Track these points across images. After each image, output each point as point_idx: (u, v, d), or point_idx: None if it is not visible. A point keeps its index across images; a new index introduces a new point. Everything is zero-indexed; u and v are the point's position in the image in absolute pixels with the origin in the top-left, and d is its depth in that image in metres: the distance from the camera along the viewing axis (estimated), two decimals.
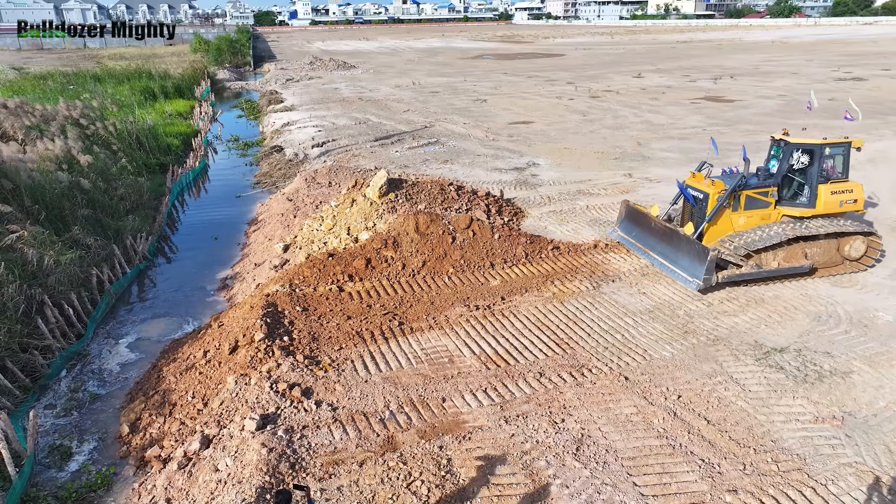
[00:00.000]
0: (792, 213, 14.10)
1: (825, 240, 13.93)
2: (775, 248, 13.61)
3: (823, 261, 14.07)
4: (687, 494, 7.91)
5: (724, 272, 13.24)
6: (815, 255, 13.94)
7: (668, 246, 14.13)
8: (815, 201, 13.91)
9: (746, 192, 13.86)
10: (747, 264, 13.33)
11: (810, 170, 13.84)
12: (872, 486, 8.00)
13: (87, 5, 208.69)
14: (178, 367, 11.69)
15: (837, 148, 14.02)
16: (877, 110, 35.10)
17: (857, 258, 14.21)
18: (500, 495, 7.87)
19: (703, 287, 13.00)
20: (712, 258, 12.75)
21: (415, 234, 15.05)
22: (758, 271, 13.38)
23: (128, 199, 20.82)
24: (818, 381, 10.22)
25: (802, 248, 13.84)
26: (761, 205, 14.04)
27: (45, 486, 9.22)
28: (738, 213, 13.98)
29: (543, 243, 15.92)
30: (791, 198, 14.20)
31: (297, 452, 8.55)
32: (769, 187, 13.98)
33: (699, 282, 12.98)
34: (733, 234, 13.90)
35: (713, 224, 13.90)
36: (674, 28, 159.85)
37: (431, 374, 10.61)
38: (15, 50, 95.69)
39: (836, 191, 13.91)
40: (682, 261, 13.58)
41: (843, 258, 14.20)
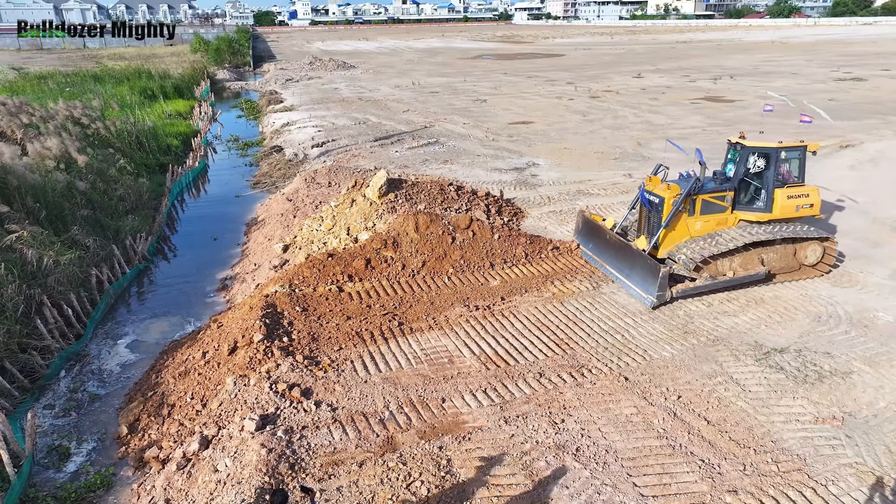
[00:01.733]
0: (748, 217, 13.83)
1: (781, 245, 13.66)
2: (731, 255, 13.30)
3: (780, 267, 13.80)
4: (687, 495, 7.90)
5: (679, 286, 12.88)
6: (771, 260, 13.67)
7: (622, 260, 13.75)
8: (771, 206, 13.64)
9: (703, 197, 13.54)
10: (701, 276, 12.97)
11: (766, 174, 13.59)
12: (873, 486, 7.99)
13: (87, 5, 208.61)
14: (177, 368, 11.67)
15: (793, 152, 13.77)
16: (877, 110, 35.10)
17: (813, 264, 13.96)
18: (499, 496, 7.86)
19: (656, 304, 12.64)
20: (664, 275, 12.38)
21: (414, 234, 15.03)
22: (713, 283, 13.02)
23: (127, 200, 20.79)
24: (818, 382, 10.20)
25: (759, 254, 13.54)
26: (718, 209, 13.75)
27: (44, 487, 9.20)
28: (695, 217, 13.64)
29: (543, 243, 15.91)
30: (748, 202, 13.92)
31: (296, 453, 8.54)
32: (725, 191, 13.69)
33: (653, 299, 12.59)
34: (689, 239, 13.59)
35: (670, 229, 13.55)
36: (674, 28, 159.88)
37: (431, 374, 10.60)
38: (15, 50, 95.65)
39: (792, 195, 13.65)
40: (636, 276, 13.18)
41: (799, 264, 13.95)
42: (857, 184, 21.21)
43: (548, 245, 15.87)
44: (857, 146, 26.54)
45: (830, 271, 14.19)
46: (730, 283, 13.30)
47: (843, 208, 18.75)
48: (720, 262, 13.29)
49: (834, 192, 19.94)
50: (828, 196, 19.56)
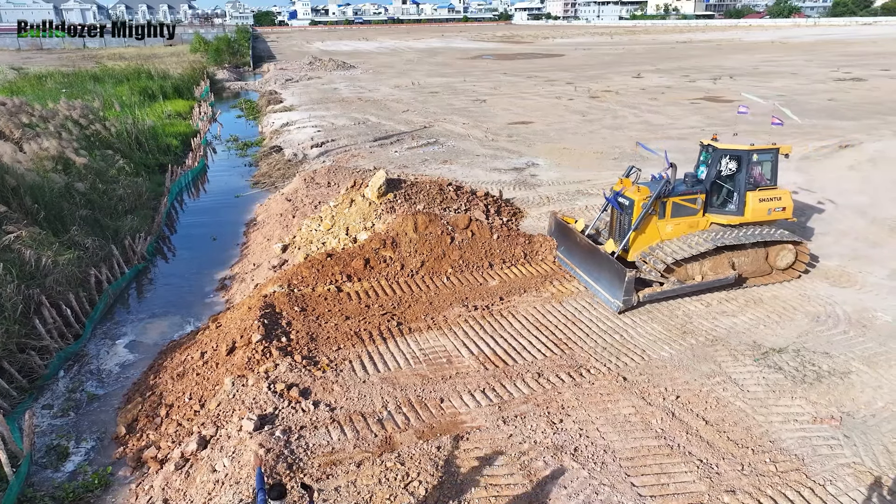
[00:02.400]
0: (720, 220, 13.67)
1: (753, 249, 13.52)
2: (700, 259, 13.15)
3: (752, 270, 13.67)
4: (685, 495, 7.91)
5: (646, 290, 12.70)
6: (742, 264, 13.53)
7: (591, 263, 13.54)
8: (743, 209, 13.51)
9: (673, 200, 13.38)
10: (669, 280, 12.82)
11: (738, 176, 13.43)
12: (871, 486, 7.99)
13: (87, 5, 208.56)
14: (176, 369, 11.67)
15: (766, 154, 13.61)
16: (876, 110, 35.11)
17: (785, 267, 13.84)
18: (497, 496, 7.86)
19: (623, 309, 12.48)
20: (630, 279, 12.14)
21: (413, 234, 15.03)
22: (681, 286, 12.86)
23: (126, 200, 20.78)
24: (817, 382, 10.21)
25: (729, 257, 13.38)
26: (689, 212, 13.59)
27: (42, 486, 9.20)
28: (665, 220, 13.49)
29: (542, 243, 15.90)
30: (720, 205, 13.77)
31: (294, 453, 8.54)
32: (697, 194, 13.53)
33: (619, 303, 12.41)
34: (660, 243, 13.44)
35: (640, 232, 13.41)
36: (673, 28, 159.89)
37: (430, 374, 10.60)
38: (14, 50, 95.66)
39: (764, 198, 13.52)
40: (603, 280, 13.00)
41: (772, 268, 13.85)
42: (856, 184, 21.23)
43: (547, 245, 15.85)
44: (857, 146, 26.55)
45: (801, 276, 14.01)
46: (699, 288, 13.10)
47: (841, 208, 18.75)
48: (690, 265, 13.12)
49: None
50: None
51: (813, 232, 16.97)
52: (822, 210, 18.59)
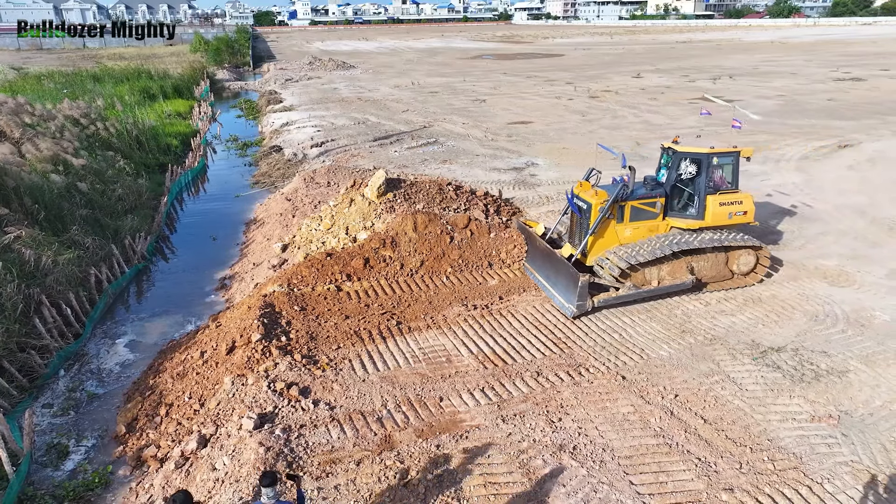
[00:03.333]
0: (680, 224, 13.44)
1: (713, 253, 13.35)
2: (658, 263, 12.97)
3: (712, 275, 13.51)
4: (683, 493, 7.93)
5: (602, 295, 12.53)
6: (702, 269, 13.36)
7: (549, 267, 13.30)
8: (703, 213, 13.28)
9: (632, 203, 13.14)
10: (625, 285, 12.66)
11: (698, 180, 13.21)
12: (868, 484, 8.02)
13: (87, 5, 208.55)
14: (176, 368, 11.69)
15: (726, 157, 13.40)
16: (876, 110, 35.14)
17: (746, 272, 13.70)
18: (497, 494, 7.89)
19: (576, 314, 12.26)
20: (583, 283, 11.95)
21: (413, 233, 15.06)
22: (637, 291, 12.71)
23: (126, 199, 20.81)
24: (815, 381, 10.23)
25: (688, 262, 13.19)
26: (648, 216, 13.36)
27: (43, 485, 9.23)
28: (624, 224, 13.26)
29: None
30: (681, 209, 13.54)
31: (294, 451, 8.57)
32: (656, 198, 13.30)
33: (572, 308, 12.21)
34: (618, 247, 13.23)
35: (598, 236, 13.19)
36: (673, 28, 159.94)
37: (429, 373, 10.62)
38: (14, 50, 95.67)
39: (724, 202, 13.29)
40: (559, 284, 12.79)
41: (732, 272, 13.69)
42: (855, 184, 21.26)
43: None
44: (856, 146, 26.59)
45: (762, 281, 13.84)
46: (655, 293, 12.96)
47: (840, 208, 18.79)
48: (648, 270, 12.96)
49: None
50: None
51: (812, 232, 17.00)
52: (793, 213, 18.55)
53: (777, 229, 17.24)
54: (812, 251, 15.70)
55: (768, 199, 19.73)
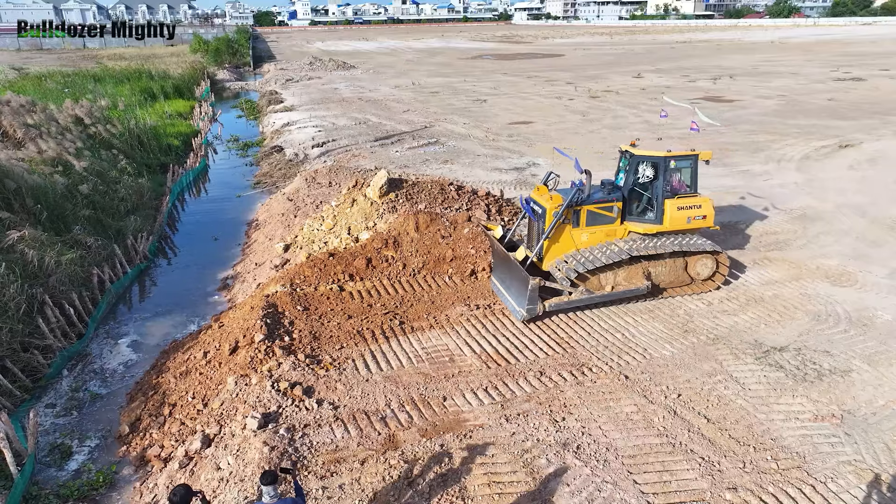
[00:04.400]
0: (638, 229, 13.14)
1: (671, 259, 13.14)
2: (614, 268, 12.75)
3: (670, 280, 13.33)
4: (687, 492, 7.95)
5: (553, 300, 12.32)
6: (660, 274, 13.16)
7: (504, 270, 13.07)
8: (661, 217, 13.01)
9: (587, 208, 12.84)
10: (577, 290, 12.45)
11: (655, 184, 12.96)
12: (871, 483, 8.04)
13: (87, 5, 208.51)
14: (179, 368, 11.71)
15: (684, 161, 13.11)
16: (876, 110, 35.17)
17: (705, 278, 13.49)
18: (500, 493, 7.90)
19: (526, 318, 12.06)
20: (533, 287, 11.76)
21: (415, 233, 15.07)
22: (590, 296, 12.52)
23: (128, 200, 20.84)
24: (818, 380, 10.25)
25: (645, 267, 12.99)
26: (605, 220, 13.07)
27: (47, 485, 9.25)
28: (580, 229, 12.96)
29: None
30: (640, 213, 13.25)
31: (298, 451, 8.58)
32: (613, 202, 13.02)
33: (523, 312, 12.03)
34: (574, 252, 12.98)
35: (554, 241, 12.90)
36: (673, 28, 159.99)
37: (432, 372, 10.64)
38: (14, 50, 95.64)
39: (683, 206, 13.00)
40: (513, 288, 12.58)
41: (691, 278, 13.49)
42: (856, 184, 21.29)
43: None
44: (857, 146, 26.61)
45: (720, 287, 13.62)
46: (609, 298, 12.77)
47: (841, 208, 18.81)
48: (603, 275, 12.75)
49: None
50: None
51: (813, 231, 17.02)
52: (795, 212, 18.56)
53: (778, 229, 17.26)
54: (814, 251, 15.72)
55: (768, 199, 19.75)
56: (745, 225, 17.62)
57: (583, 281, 12.64)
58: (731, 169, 23.60)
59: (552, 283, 12.46)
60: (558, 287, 12.46)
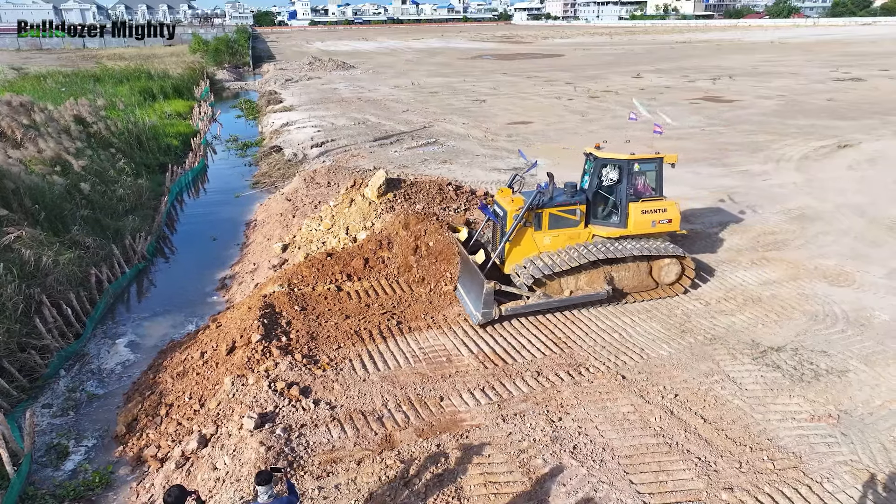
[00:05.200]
0: (602, 233, 12.95)
1: (635, 263, 12.91)
2: (575, 273, 12.54)
3: (634, 285, 13.08)
4: (683, 492, 7.95)
5: (510, 304, 12.15)
6: (623, 278, 12.95)
7: (466, 273, 12.87)
8: (626, 221, 12.82)
9: (549, 211, 12.67)
10: (535, 294, 12.26)
11: (619, 187, 12.79)
12: (868, 483, 8.03)
13: (87, 5, 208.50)
14: (176, 368, 11.70)
15: (648, 164, 12.90)
16: (876, 110, 35.17)
17: (670, 282, 13.24)
18: (497, 493, 7.90)
19: (482, 321, 11.88)
20: (488, 291, 11.60)
21: (405, 233, 15.05)
22: (547, 301, 12.30)
23: (127, 200, 20.84)
24: (814, 380, 10.25)
25: (607, 271, 12.75)
26: (568, 224, 12.90)
27: (43, 485, 9.25)
28: (543, 232, 12.77)
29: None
30: (604, 217, 13.08)
31: (295, 451, 8.58)
32: (576, 205, 12.84)
33: (478, 316, 11.87)
34: (535, 255, 12.78)
35: (515, 244, 12.73)
36: (673, 28, 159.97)
37: (429, 372, 10.64)
38: (14, 50, 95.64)
39: (647, 210, 12.81)
40: (472, 291, 12.35)
41: (657, 282, 13.26)
42: (855, 184, 21.29)
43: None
44: (856, 146, 26.61)
45: (687, 292, 13.42)
46: (568, 302, 12.53)
47: (840, 208, 18.81)
48: (564, 279, 12.53)
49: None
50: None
51: (812, 231, 17.02)
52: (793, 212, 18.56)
53: (777, 229, 17.26)
54: (812, 251, 15.71)
55: (768, 199, 19.75)
56: (744, 225, 17.62)
57: (542, 285, 12.43)
58: (730, 169, 23.60)
59: (508, 288, 12.18)
60: (515, 291, 12.25)
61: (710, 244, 16.30)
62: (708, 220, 18.09)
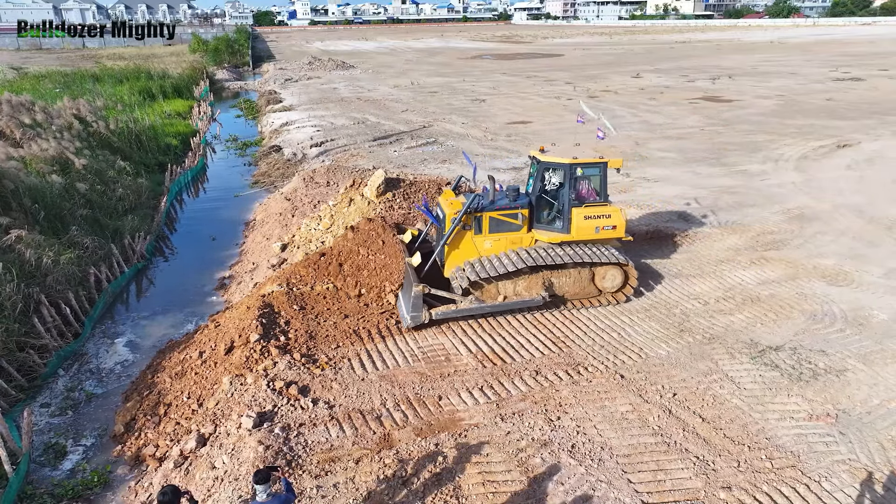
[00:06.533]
0: (545, 238, 12.69)
1: (575, 269, 12.66)
2: (513, 278, 12.36)
3: (575, 292, 12.83)
4: (681, 491, 7.95)
5: (441, 308, 11.97)
6: (563, 285, 12.71)
7: (407, 276, 12.69)
8: (568, 226, 12.51)
9: (490, 214, 12.44)
10: (467, 299, 12.11)
11: (561, 191, 12.52)
12: (866, 482, 8.04)
13: (86, 5, 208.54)
14: (174, 368, 11.70)
15: (592, 168, 12.56)
16: (875, 110, 35.18)
17: (613, 290, 12.96)
18: (495, 492, 7.90)
19: (410, 325, 11.76)
20: (417, 294, 11.52)
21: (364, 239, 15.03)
22: (480, 306, 12.12)
23: (126, 199, 20.84)
24: (813, 380, 10.25)
25: (547, 277, 12.51)
26: (510, 228, 12.66)
27: (42, 484, 9.25)
28: (483, 236, 12.54)
29: None
30: (549, 222, 12.78)
31: (293, 450, 8.59)
32: (517, 209, 12.58)
33: (408, 318, 11.77)
34: (474, 259, 12.55)
35: (454, 247, 12.54)
36: (672, 28, 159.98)
37: (428, 372, 10.64)
38: (14, 50, 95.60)
39: (590, 215, 12.50)
40: (407, 293, 12.25)
41: (599, 289, 13.00)
42: (853, 183, 21.30)
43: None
44: (855, 146, 26.63)
45: (629, 300, 13.11)
46: (501, 308, 12.33)
47: (839, 208, 18.82)
48: (502, 284, 12.33)
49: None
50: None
51: (810, 231, 17.03)
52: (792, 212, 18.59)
53: (775, 228, 17.26)
54: (810, 250, 15.72)
55: (767, 199, 19.76)
56: (743, 224, 17.63)
57: (477, 289, 12.29)
58: (729, 169, 23.61)
59: (437, 291, 12.01)
60: (445, 295, 12.11)
61: (709, 244, 16.32)
62: (707, 219, 18.10)
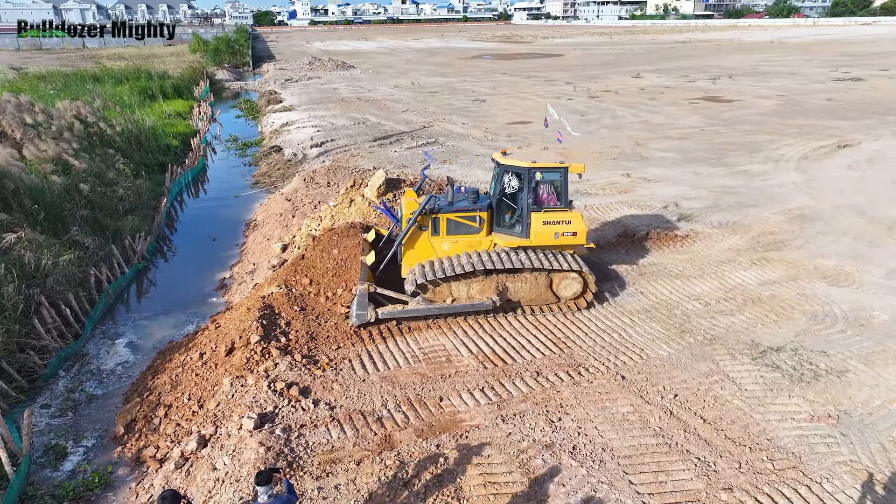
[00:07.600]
0: (503, 242, 12.59)
1: (532, 275, 12.47)
2: (467, 280, 12.24)
3: (531, 298, 12.67)
4: (682, 492, 7.94)
5: (387, 308, 11.94)
6: (519, 290, 12.54)
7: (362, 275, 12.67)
8: (527, 231, 12.40)
9: (448, 216, 12.41)
10: (415, 300, 12.08)
11: (520, 195, 12.40)
12: (867, 483, 8.03)
13: (87, 5, 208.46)
14: (175, 369, 11.69)
15: (552, 173, 12.35)
16: (875, 110, 35.18)
17: (571, 297, 12.77)
18: (496, 493, 7.90)
19: (355, 323, 11.73)
20: (362, 292, 11.53)
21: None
22: (427, 308, 12.06)
23: (127, 200, 20.83)
24: (814, 380, 10.25)
25: (502, 281, 12.37)
26: (469, 230, 12.60)
27: (42, 485, 9.24)
28: (440, 237, 12.54)
29: None
30: (509, 226, 12.69)
31: (294, 451, 8.58)
32: (475, 211, 12.52)
33: (353, 317, 11.74)
34: (428, 261, 12.54)
35: (409, 247, 12.57)
36: (673, 28, 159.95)
37: (429, 373, 10.63)
38: (14, 50, 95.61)
39: (549, 221, 12.36)
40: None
41: (557, 296, 12.82)
42: (854, 184, 21.29)
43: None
44: (855, 146, 26.62)
45: (589, 307, 12.85)
46: (449, 310, 12.22)
47: (839, 208, 18.81)
48: (455, 286, 12.25)
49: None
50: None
51: (811, 231, 17.02)
52: (793, 212, 18.60)
53: (776, 229, 17.25)
54: (811, 251, 15.71)
55: (768, 199, 19.75)
56: (743, 225, 17.62)
57: (430, 290, 12.23)
58: (729, 169, 23.61)
59: (383, 290, 11.97)
60: (391, 294, 12.10)
61: (710, 244, 16.31)
62: (708, 219, 18.09)
